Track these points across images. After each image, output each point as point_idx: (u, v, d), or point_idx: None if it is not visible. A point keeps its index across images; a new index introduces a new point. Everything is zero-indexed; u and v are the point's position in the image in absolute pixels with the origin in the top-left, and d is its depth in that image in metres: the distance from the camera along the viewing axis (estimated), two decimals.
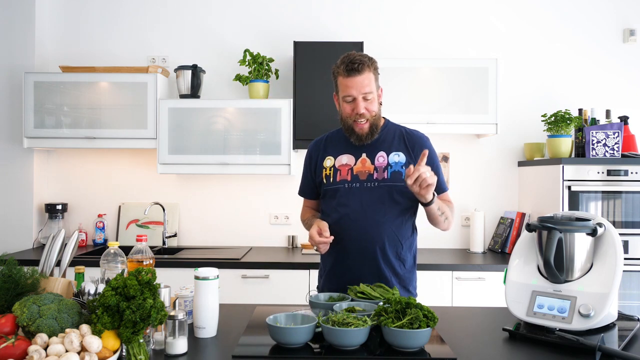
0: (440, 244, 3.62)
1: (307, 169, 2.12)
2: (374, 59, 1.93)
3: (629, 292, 2.99)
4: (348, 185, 1.95)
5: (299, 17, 3.65)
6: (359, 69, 1.86)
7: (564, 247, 1.63)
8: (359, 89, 1.88)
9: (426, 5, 3.66)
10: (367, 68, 1.88)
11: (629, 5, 3.62)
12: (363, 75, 1.87)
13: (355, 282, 1.89)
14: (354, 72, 1.86)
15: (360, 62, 1.86)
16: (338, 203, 1.96)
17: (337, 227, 1.94)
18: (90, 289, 1.58)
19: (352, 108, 1.91)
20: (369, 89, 1.89)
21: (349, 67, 1.87)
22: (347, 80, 1.88)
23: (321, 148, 2.07)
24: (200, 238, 3.65)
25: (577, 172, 3.00)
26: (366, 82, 1.88)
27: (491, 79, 3.29)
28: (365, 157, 1.97)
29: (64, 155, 3.67)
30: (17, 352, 1.29)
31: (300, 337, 1.46)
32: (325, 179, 2.01)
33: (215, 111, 3.32)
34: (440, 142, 3.64)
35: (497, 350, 1.52)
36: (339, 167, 1.99)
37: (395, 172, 1.94)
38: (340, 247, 1.95)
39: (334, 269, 1.99)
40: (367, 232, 1.92)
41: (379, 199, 1.93)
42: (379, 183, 1.93)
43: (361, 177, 1.95)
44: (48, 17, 3.62)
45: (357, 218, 1.93)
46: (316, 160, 2.07)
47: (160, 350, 1.47)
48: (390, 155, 1.96)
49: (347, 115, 1.93)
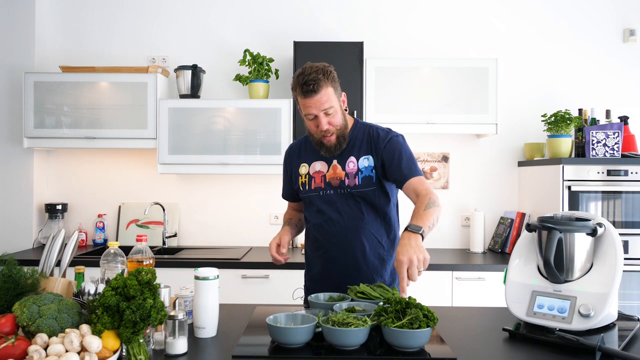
0: (440, 244, 3.62)
1: (285, 175, 2.15)
2: (328, 70, 1.86)
3: (629, 292, 2.99)
4: (322, 192, 1.98)
5: (299, 17, 3.65)
6: (314, 89, 1.81)
7: (564, 247, 1.63)
8: (318, 107, 1.85)
9: (426, 5, 3.66)
10: (324, 84, 1.83)
11: (629, 6, 3.62)
12: (320, 93, 1.82)
13: (341, 285, 1.91)
14: (310, 93, 1.82)
15: (314, 82, 1.81)
16: (317, 210, 2.00)
17: (318, 233, 2.00)
18: (90, 289, 1.58)
19: (316, 125, 1.90)
20: (328, 105, 1.85)
21: (304, 89, 1.82)
22: (305, 101, 1.85)
23: (295, 155, 2.09)
24: (200, 238, 3.65)
25: (577, 172, 3.00)
26: (324, 99, 1.84)
27: (491, 79, 3.29)
28: (337, 163, 1.97)
29: (64, 155, 3.67)
30: (17, 352, 1.29)
31: (300, 337, 1.46)
32: (301, 186, 2.04)
33: (215, 111, 3.32)
34: (440, 142, 3.64)
35: (497, 350, 1.52)
36: (313, 175, 2.01)
37: (365, 178, 1.94)
38: (323, 252, 2.00)
39: (321, 273, 2.03)
40: (347, 237, 1.95)
41: (355, 205, 1.95)
42: (351, 190, 1.94)
43: (334, 184, 1.96)
44: (48, 17, 3.62)
45: (336, 224, 1.96)
46: (292, 167, 2.09)
47: (160, 350, 1.47)
48: (360, 160, 1.96)
49: (313, 132, 1.94)
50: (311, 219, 2.04)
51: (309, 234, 2.09)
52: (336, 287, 1.92)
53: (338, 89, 1.91)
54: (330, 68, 1.88)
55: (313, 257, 2.06)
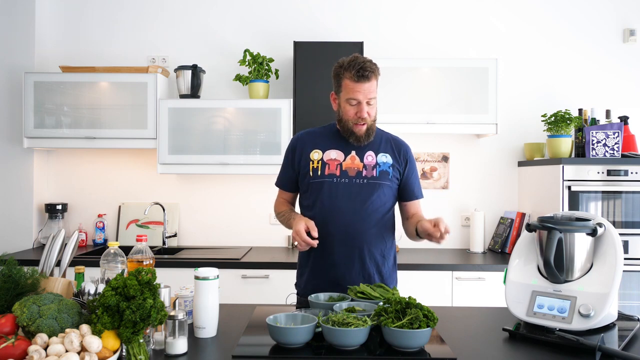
0: (440, 244, 3.61)
1: (288, 160, 2.10)
2: (378, 66, 1.96)
3: (629, 292, 2.99)
4: (336, 179, 1.97)
5: (299, 17, 3.65)
6: (368, 76, 1.89)
7: (564, 247, 1.63)
8: (365, 94, 1.91)
9: (426, 5, 3.66)
10: (375, 76, 1.92)
11: (629, 6, 3.62)
12: (371, 81, 1.91)
13: (340, 279, 1.92)
14: (363, 78, 1.89)
15: (370, 70, 1.90)
16: (324, 196, 1.96)
17: (322, 221, 1.93)
18: (90, 289, 1.58)
19: (356, 112, 1.93)
20: (373, 95, 1.94)
21: (359, 74, 1.89)
22: (355, 85, 1.90)
23: (307, 141, 2.06)
24: (200, 238, 3.65)
25: (577, 172, 3.00)
26: (372, 88, 1.92)
27: (491, 79, 3.29)
28: (355, 154, 2.00)
29: (64, 155, 3.67)
30: (17, 352, 1.29)
31: (300, 337, 1.46)
32: (312, 171, 2.00)
33: (215, 111, 3.32)
34: (440, 142, 3.64)
35: (497, 350, 1.52)
36: (327, 161, 2.00)
37: (383, 172, 2.00)
38: (325, 242, 1.92)
39: (319, 264, 1.98)
40: (354, 227, 1.94)
41: (368, 195, 1.96)
42: (368, 180, 1.97)
43: (350, 173, 1.97)
44: (48, 17, 3.62)
45: (344, 212, 1.94)
46: (301, 152, 2.05)
47: (160, 350, 1.47)
48: (379, 155, 2.02)
49: (349, 118, 1.95)
50: (313, 206, 1.98)
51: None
52: (334, 282, 1.91)
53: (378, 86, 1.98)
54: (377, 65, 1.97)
55: (311, 248, 1.90)
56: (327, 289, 1.89)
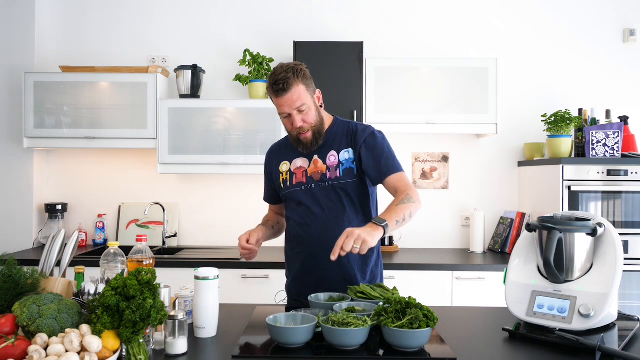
0: (440, 244, 3.62)
1: (266, 176, 2.17)
2: (299, 68, 1.87)
3: (629, 292, 2.99)
4: (304, 187, 1.98)
5: (299, 17, 3.65)
6: (285, 87, 1.83)
7: (564, 247, 1.63)
8: (290, 105, 1.87)
9: (426, 5, 3.66)
10: (294, 82, 1.84)
11: (629, 6, 3.62)
12: (291, 91, 1.84)
13: (323, 282, 1.92)
14: (281, 92, 1.84)
15: (284, 81, 1.82)
16: (298, 205, 2.00)
17: (301, 230, 1.99)
18: (90, 289, 1.58)
19: (291, 123, 1.92)
20: (299, 103, 1.86)
21: (275, 88, 1.85)
22: (277, 100, 1.88)
23: (275, 155, 2.11)
24: (200, 238, 3.65)
25: (577, 172, 3.00)
26: (295, 97, 1.85)
27: (491, 79, 3.29)
28: (317, 157, 1.99)
29: (64, 155, 3.67)
30: (17, 352, 1.29)
31: (300, 337, 1.46)
32: (282, 183, 2.04)
33: (215, 111, 3.32)
34: (440, 142, 3.64)
35: (497, 350, 1.52)
36: (294, 171, 2.02)
37: (346, 170, 1.96)
38: (305, 248, 1.99)
39: (302, 269, 2.02)
40: (329, 232, 1.93)
41: (336, 198, 1.96)
42: (332, 182, 1.96)
43: (315, 178, 1.97)
44: (48, 17, 3.62)
45: (317, 218, 1.96)
46: (272, 166, 2.11)
47: (160, 350, 1.47)
48: (341, 153, 1.98)
49: (290, 130, 1.96)
50: (292, 216, 2.03)
51: (289, 233, 2.08)
52: (317, 283, 1.93)
53: (311, 86, 1.92)
54: (301, 66, 1.89)
55: (293, 254, 2.05)
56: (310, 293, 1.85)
